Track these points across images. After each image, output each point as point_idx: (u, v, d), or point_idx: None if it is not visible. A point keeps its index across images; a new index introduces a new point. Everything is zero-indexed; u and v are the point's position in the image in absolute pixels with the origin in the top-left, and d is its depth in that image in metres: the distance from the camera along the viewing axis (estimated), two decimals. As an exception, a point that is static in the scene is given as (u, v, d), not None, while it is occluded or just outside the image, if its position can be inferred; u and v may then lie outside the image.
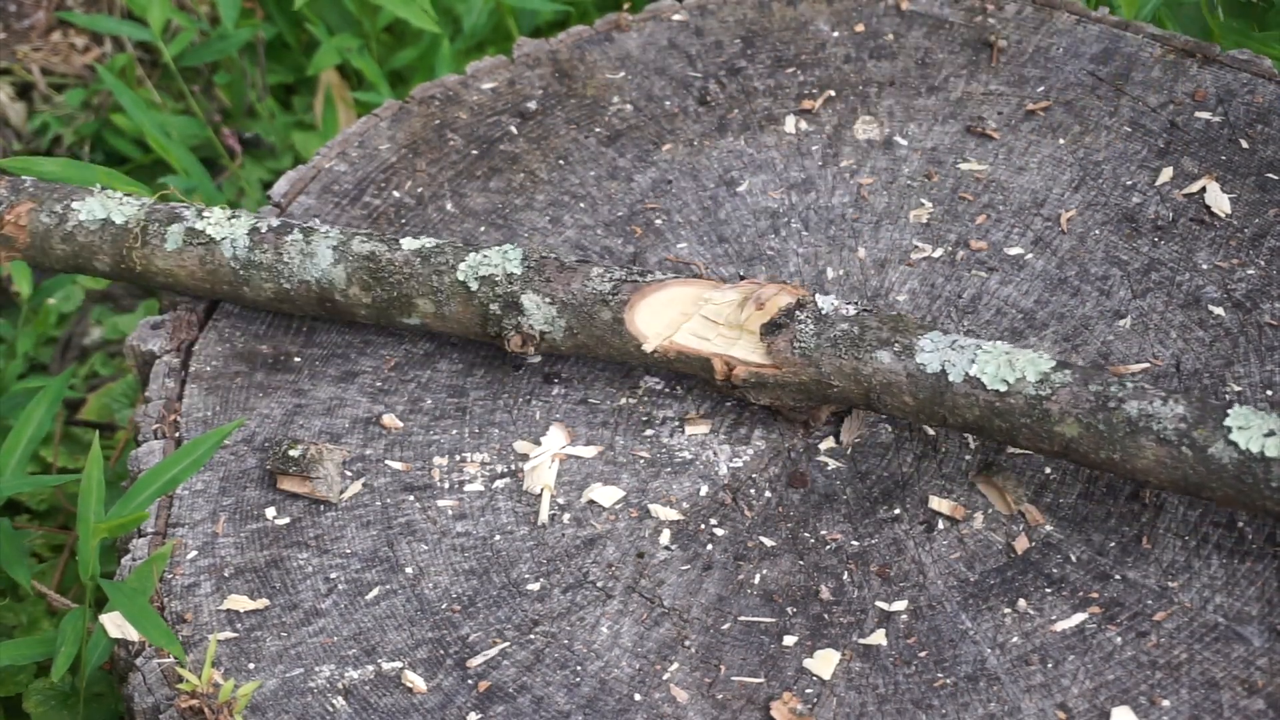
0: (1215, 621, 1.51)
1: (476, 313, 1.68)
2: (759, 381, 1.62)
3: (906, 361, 1.57)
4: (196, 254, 1.74)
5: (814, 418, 1.66)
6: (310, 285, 1.72)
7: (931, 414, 1.57)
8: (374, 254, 1.71)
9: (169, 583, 1.59)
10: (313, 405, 1.72)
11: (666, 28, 2.06)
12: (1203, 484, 1.48)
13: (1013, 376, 1.53)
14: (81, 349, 2.50)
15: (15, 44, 2.82)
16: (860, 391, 1.59)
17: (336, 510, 1.64)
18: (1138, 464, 1.50)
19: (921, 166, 1.89)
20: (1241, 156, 1.87)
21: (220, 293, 1.76)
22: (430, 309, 1.69)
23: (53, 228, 1.77)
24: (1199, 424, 1.48)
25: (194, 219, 1.75)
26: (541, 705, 1.49)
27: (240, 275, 1.74)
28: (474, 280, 1.68)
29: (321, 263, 1.71)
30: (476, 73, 2.02)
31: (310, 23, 2.53)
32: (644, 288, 1.66)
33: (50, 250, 1.78)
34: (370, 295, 1.70)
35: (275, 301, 1.75)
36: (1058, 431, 1.52)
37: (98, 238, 1.76)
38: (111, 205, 1.77)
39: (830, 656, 1.51)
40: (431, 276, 1.69)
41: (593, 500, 1.63)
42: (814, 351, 1.60)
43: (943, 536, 1.59)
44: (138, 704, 1.53)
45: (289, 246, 1.72)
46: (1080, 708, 1.46)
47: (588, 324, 1.66)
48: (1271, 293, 1.74)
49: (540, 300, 1.66)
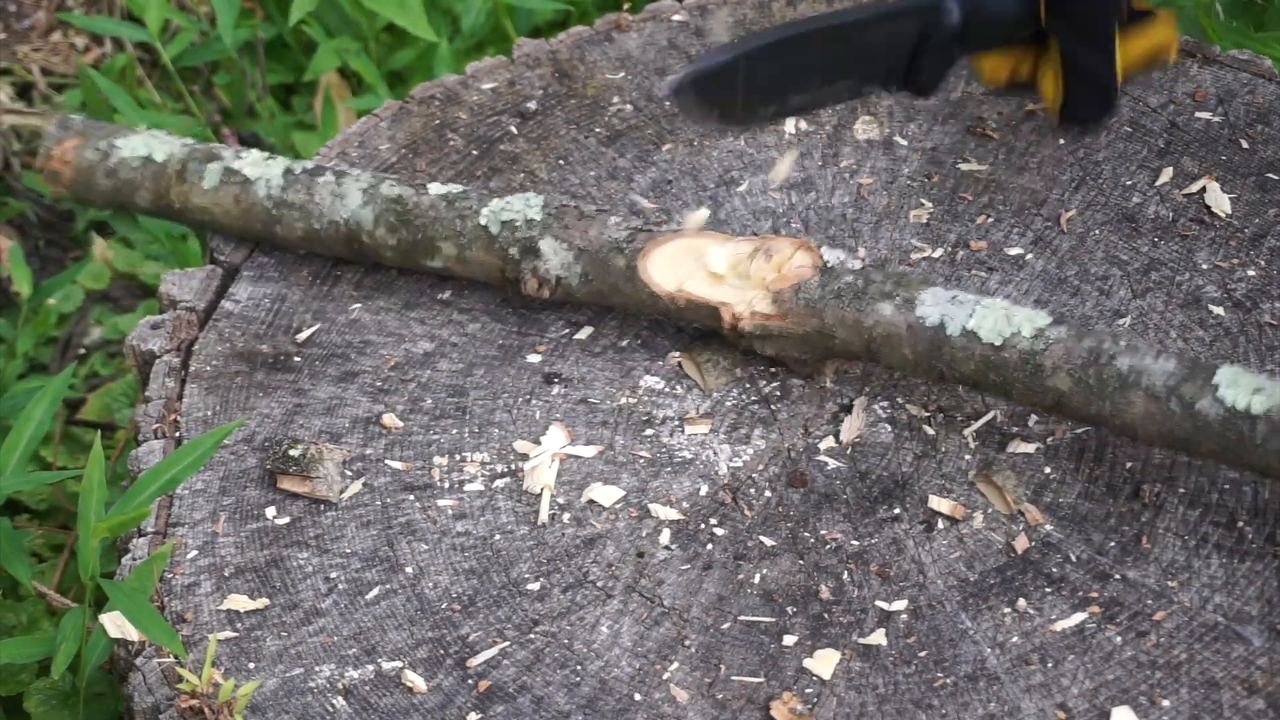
0: (1215, 621, 1.51)
1: (496, 257, 1.73)
2: (764, 331, 1.65)
3: (907, 314, 1.60)
4: (232, 192, 1.80)
5: (818, 372, 1.69)
6: (339, 226, 1.77)
7: (929, 367, 1.61)
8: (401, 197, 1.76)
9: (169, 582, 1.59)
10: (313, 405, 1.72)
11: (666, 28, 2.06)
12: (1189, 439, 1.51)
13: (1009, 331, 1.57)
14: (81, 349, 2.50)
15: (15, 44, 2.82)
16: (861, 343, 1.62)
17: (336, 510, 1.64)
18: (1126, 418, 1.53)
19: (921, 166, 1.89)
20: (1241, 156, 1.87)
21: (253, 231, 1.82)
22: (453, 252, 1.74)
23: (96, 164, 1.85)
24: (1188, 380, 1.51)
25: (231, 159, 1.82)
26: (541, 705, 1.49)
27: (273, 214, 1.79)
28: (495, 224, 1.73)
29: (351, 204, 1.77)
30: (476, 73, 2.02)
31: (309, 25, 2.53)
32: (658, 237, 1.71)
33: (94, 185, 1.85)
34: (395, 237, 1.76)
35: (305, 241, 1.80)
36: (1050, 385, 1.55)
37: (139, 174, 1.83)
38: (154, 143, 1.85)
39: (830, 656, 1.51)
40: (455, 220, 1.74)
41: (593, 500, 1.63)
42: (818, 302, 1.63)
43: (943, 536, 1.59)
44: (138, 704, 1.53)
45: (321, 188, 1.78)
46: (1080, 708, 1.47)
47: (602, 271, 1.70)
48: (1271, 293, 1.74)
49: (558, 246, 1.71)
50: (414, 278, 1.82)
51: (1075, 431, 1.65)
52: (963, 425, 1.67)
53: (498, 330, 1.77)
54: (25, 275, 2.23)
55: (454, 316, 1.79)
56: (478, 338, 1.77)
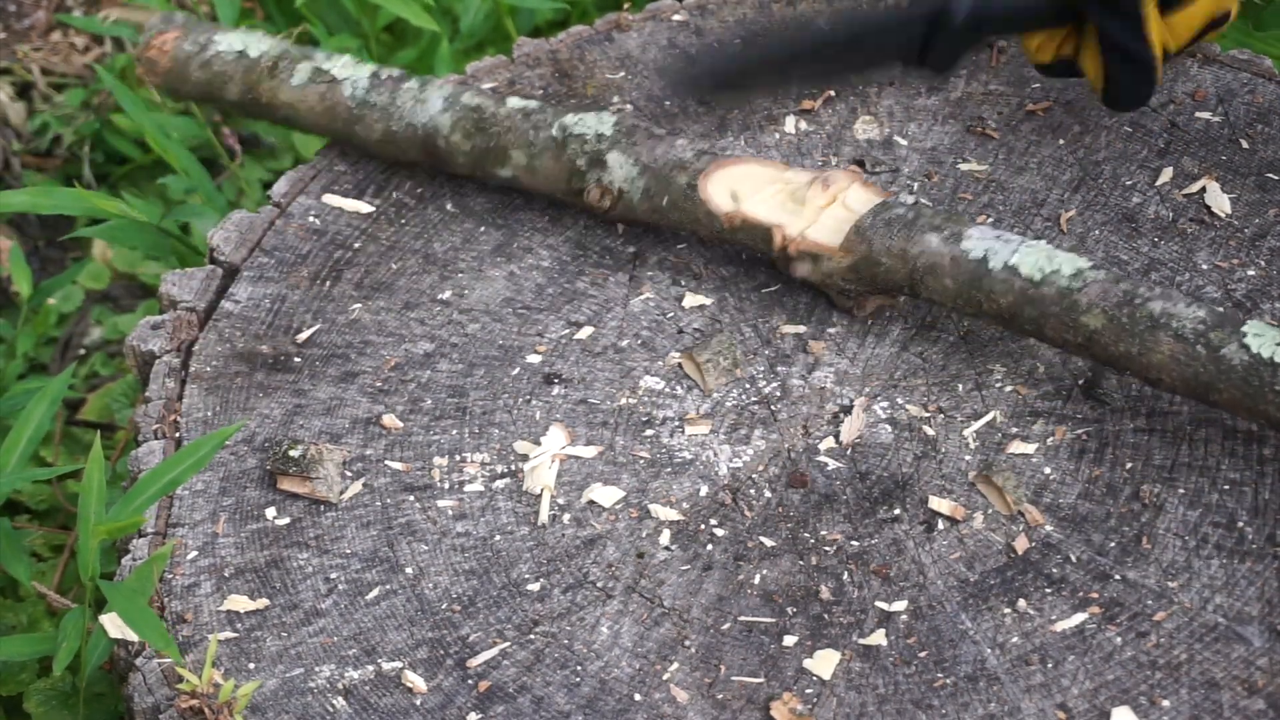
0: (1215, 621, 1.51)
1: (564, 168, 1.79)
2: (813, 255, 1.71)
3: (953, 246, 1.65)
4: (318, 90, 1.87)
5: (860, 305, 1.73)
6: (416, 129, 1.83)
7: (969, 298, 1.65)
8: (480, 106, 1.82)
9: (169, 583, 1.59)
10: (313, 405, 1.72)
11: (666, 28, 2.06)
12: (1211, 383, 1.55)
13: (1049, 267, 1.62)
14: (81, 349, 2.50)
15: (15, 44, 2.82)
16: (905, 272, 1.67)
17: (336, 510, 1.64)
18: (1153, 358, 1.57)
19: (921, 166, 1.89)
20: (1241, 156, 1.87)
21: (334, 130, 1.89)
22: (523, 161, 1.80)
23: (193, 55, 1.92)
24: (1216, 327, 1.55)
25: (323, 60, 1.89)
26: (541, 705, 1.49)
27: (354, 114, 1.86)
28: (567, 136, 1.79)
29: (431, 109, 1.83)
30: (476, 72, 2.02)
31: (309, 23, 2.53)
32: (722, 160, 1.76)
33: (187, 77, 1.93)
34: (470, 143, 1.81)
35: (382, 143, 1.86)
36: (1083, 322, 1.60)
37: (232, 68, 1.91)
38: (250, 40, 1.92)
39: (830, 656, 1.51)
40: (529, 131, 1.80)
41: (593, 500, 1.63)
42: (868, 230, 1.68)
43: (943, 536, 1.59)
44: (138, 704, 1.53)
45: (404, 92, 1.84)
46: (1080, 708, 1.47)
47: (664, 187, 1.75)
48: (1271, 293, 1.74)
49: (624, 160, 1.77)
50: (414, 277, 1.82)
51: (1075, 432, 1.65)
52: (963, 425, 1.67)
53: (498, 330, 1.77)
54: (25, 275, 2.23)
55: (454, 316, 1.79)
56: (478, 338, 1.77)
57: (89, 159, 2.67)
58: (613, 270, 1.81)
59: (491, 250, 1.84)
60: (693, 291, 1.79)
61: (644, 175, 1.77)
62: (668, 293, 1.79)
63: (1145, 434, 1.64)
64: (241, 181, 2.55)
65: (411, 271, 1.83)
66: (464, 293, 1.81)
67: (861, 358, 1.72)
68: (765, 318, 1.76)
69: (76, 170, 2.68)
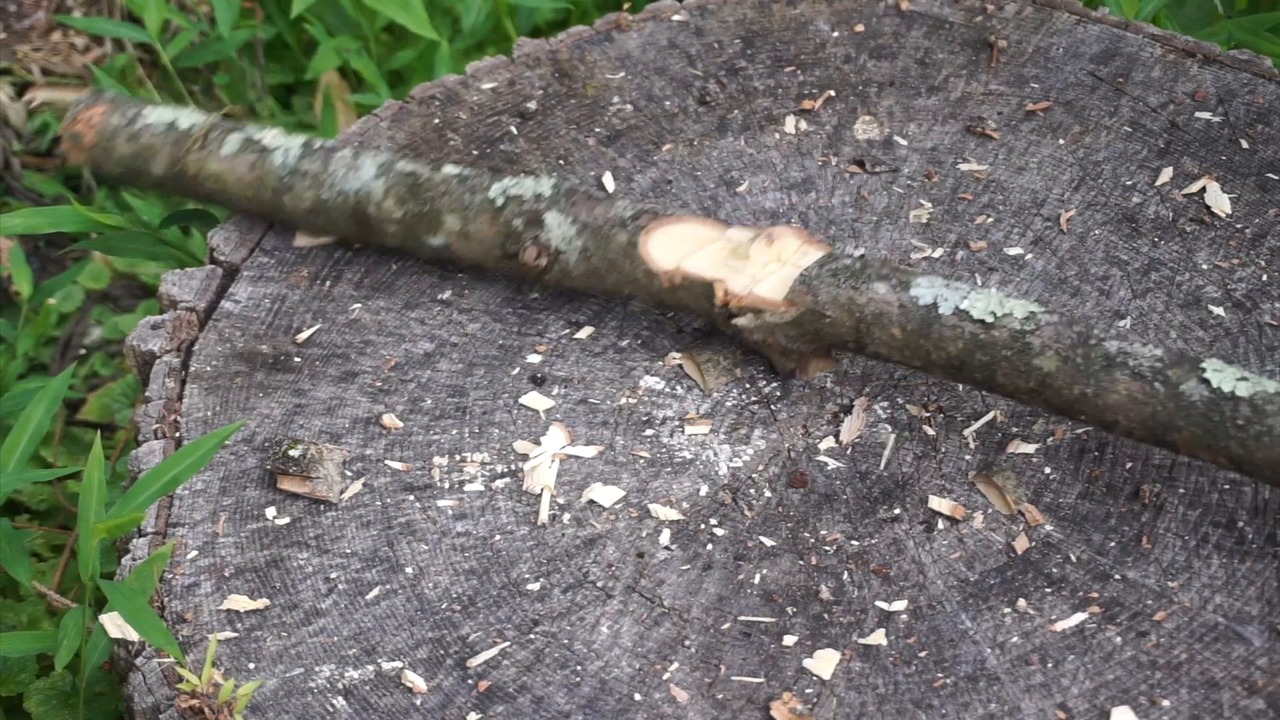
0: (1215, 621, 1.51)
1: (500, 230, 1.75)
2: (755, 310, 1.67)
3: (901, 294, 1.62)
4: (248, 160, 1.84)
5: (802, 368, 1.70)
6: (348, 196, 1.80)
7: (917, 349, 1.61)
8: (415, 172, 1.80)
9: (169, 583, 1.59)
10: (313, 405, 1.72)
11: (666, 28, 2.06)
12: (1170, 422, 1.51)
13: (1001, 310, 1.58)
14: (81, 349, 2.50)
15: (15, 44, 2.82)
16: (851, 324, 1.63)
17: (336, 510, 1.64)
18: (1109, 399, 1.53)
19: (921, 166, 1.89)
20: (1241, 156, 1.87)
21: (262, 201, 1.85)
22: (457, 226, 1.77)
23: (121, 128, 1.89)
24: (1175, 364, 1.52)
25: (255, 131, 1.87)
26: (541, 705, 1.49)
27: (284, 182, 1.83)
28: (503, 198, 1.75)
29: (364, 175, 1.80)
30: (476, 73, 2.02)
31: (309, 24, 2.53)
32: (663, 218, 1.72)
33: (113, 151, 1.90)
34: (402, 209, 1.78)
35: (311, 213, 1.83)
36: (1036, 365, 1.56)
37: (160, 140, 1.88)
38: (180, 114, 1.90)
39: (830, 656, 1.51)
40: (464, 194, 1.77)
41: (593, 500, 1.63)
42: (814, 280, 1.65)
43: (943, 536, 1.59)
44: (138, 704, 1.53)
45: (337, 160, 1.82)
46: (1080, 708, 1.47)
47: (603, 246, 1.72)
48: (1271, 293, 1.74)
49: (562, 219, 1.73)
50: (414, 277, 1.82)
51: (1075, 432, 1.65)
52: (963, 425, 1.67)
53: (498, 330, 1.77)
54: (25, 275, 2.23)
55: (454, 316, 1.79)
56: (478, 338, 1.77)
57: (89, 159, 2.66)
58: (613, 270, 1.81)
59: (491, 250, 1.84)
60: (693, 291, 1.79)
61: (582, 234, 1.72)
62: (668, 293, 1.79)
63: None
64: (241, 181, 2.55)
65: (411, 271, 1.83)
66: (464, 293, 1.81)
67: (861, 358, 1.72)
68: (765, 318, 1.76)
69: (77, 170, 2.68)
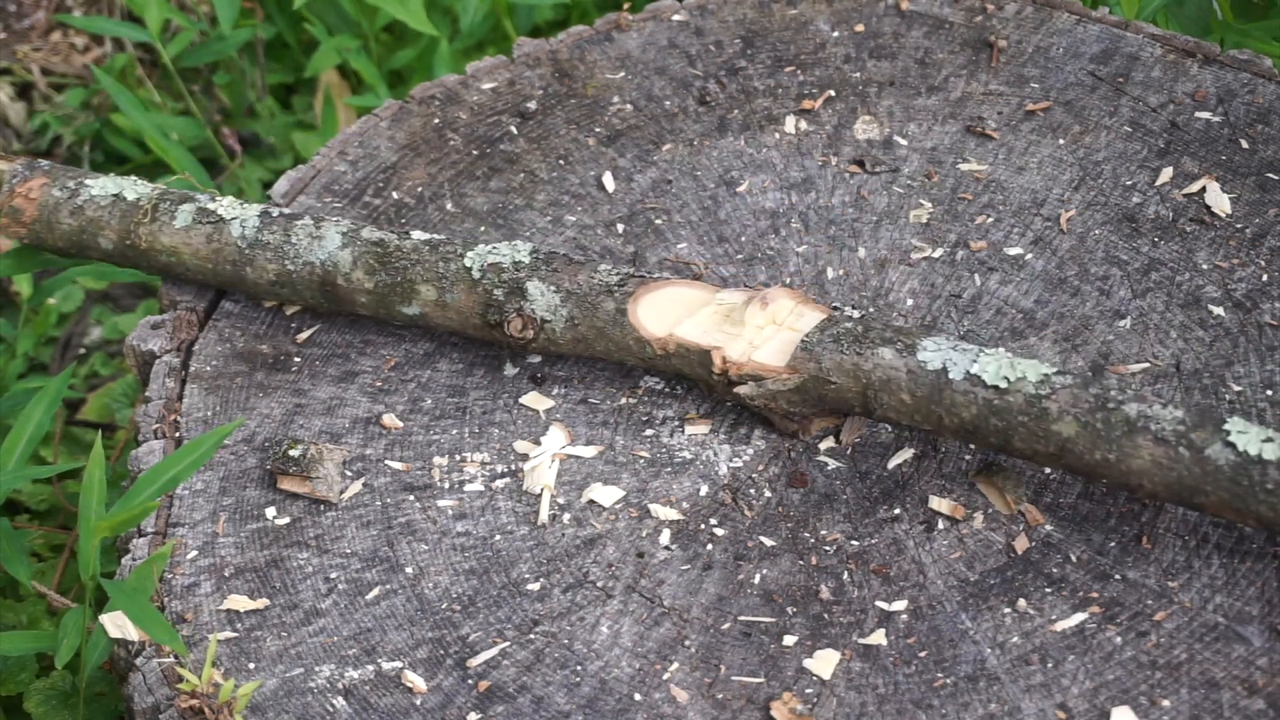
0: (1215, 621, 1.51)
1: (479, 300, 1.68)
2: (756, 377, 1.62)
3: (908, 358, 1.57)
4: (204, 232, 1.75)
5: (805, 429, 1.66)
6: (315, 267, 1.72)
7: (928, 414, 1.57)
8: (383, 240, 1.71)
9: (169, 582, 1.59)
10: (313, 405, 1.72)
11: (666, 28, 2.06)
12: (1198, 487, 1.48)
13: (1014, 375, 1.54)
14: (81, 349, 2.49)
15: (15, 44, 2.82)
16: (858, 389, 1.59)
17: (336, 510, 1.64)
18: (1133, 464, 1.49)
19: (921, 166, 1.89)
20: (1241, 156, 1.87)
21: (222, 274, 1.76)
22: (432, 296, 1.69)
23: (63, 201, 1.80)
24: (1197, 427, 1.48)
25: (207, 201, 1.77)
26: (541, 705, 1.49)
27: (245, 255, 1.74)
28: (480, 268, 1.68)
29: (329, 245, 1.72)
30: (476, 73, 2.02)
31: (309, 23, 2.53)
32: (650, 283, 1.67)
33: (56, 225, 1.80)
34: (373, 280, 1.70)
35: (275, 286, 1.74)
36: (1054, 430, 1.52)
37: (107, 213, 1.78)
38: (125, 184, 1.80)
39: (830, 656, 1.51)
40: (438, 263, 1.69)
41: (593, 500, 1.63)
42: (816, 346, 1.60)
43: (943, 536, 1.59)
44: (138, 704, 1.53)
45: (298, 229, 1.73)
46: (1080, 708, 1.47)
47: (590, 314, 1.66)
48: (1271, 293, 1.74)
49: (545, 288, 1.67)
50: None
51: (1075, 431, 1.65)
52: (963, 425, 1.67)
53: (498, 330, 1.77)
54: (25, 275, 2.23)
55: (454, 316, 1.79)
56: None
57: (89, 159, 2.67)
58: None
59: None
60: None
61: (567, 303, 1.66)
62: (668, 293, 1.79)
63: (1145, 434, 1.64)
64: (241, 181, 2.55)
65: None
66: (464, 292, 1.81)
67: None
68: (765, 318, 1.76)
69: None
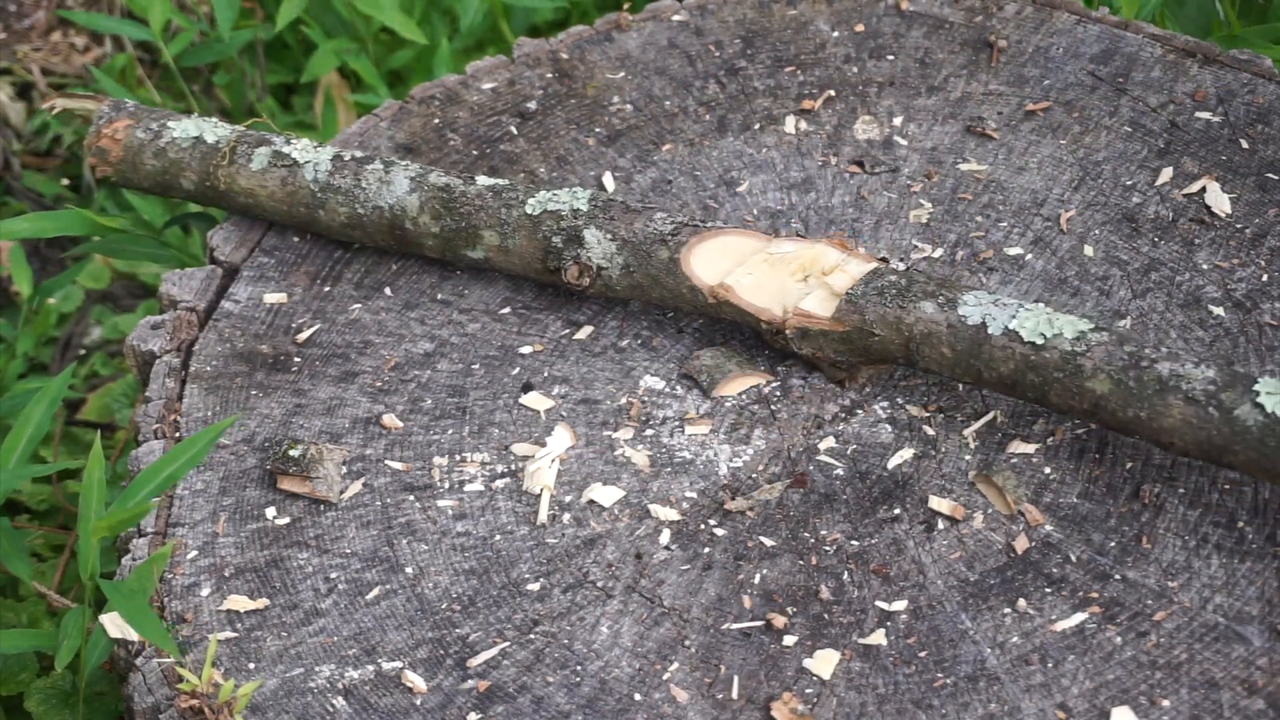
0: (1215, 621, 1.51)
1: (539, 246, 1.74)
2: (803, 330, 1.66)
3: (949, 313, 1.61)
4: (279, 175, 1.83)
5: (852, 377, 1.69)
6: (383, 211, 1.79)
7: (968, 367, 1.61)
8: (449, 186, 1.78)
9: (169, 583, 1.59)
10: (313, 405, 1.72)
11: (666, 28, 2.06)
12: (1226, 446, 1.51)
13: (1050, 331, 1.57)
14: (81, 349, 2.49)
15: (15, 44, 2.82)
16: (901, 341, 1.63)
17: (336, 510, 1.64)
18: (1164, 423, 1.53)
19: (921, 166, 1.89)
20: (1241, 156, 1.87)
21: (296, 216, 1.84)
22: (495, 241, 1.76)
23: (146, 143, 1.87)
24: (1228, 387, 1.51)
25: (282, 144, 1.84)
26: (541, 705, 1.49)
27: (317, 198, 1.82)
28: (540, 213, 1.74)
29: (397, 190, 1.79)
30: (476, 73, 2.02)
31: (307, 26, 2.53)
32: (703, 232, 1.72)
33: (140, 165, 1.88)
34: (439, 224, 1.77)
35: (347, 227, 1.82)
36: (1088, 387, 1.55)
37: (187, 155, 1.86)
38: (205, 126, 1.87)
39: (830, 656, 1.51)
40: (500, 209, 1.76)
41: (593, 500, 1.63)
42: (860, 299, 1.63)
43: (943, 536, 1.59)
44: (138, 704, 1.53)
45: (368, 174, 1.80)
46: (1080, 708, 1.47)
47: (645, 262, 1.71)
48: (1271, 293, 1.74)
49: (602, 236, 1.72)
50: (414, 277, 1.82)
51: (1075, 432, 1.65)
52: (963, 425, 1.67)
53: (498, 330, 1.77)
54: (25, 275, 2.23)
55: (454, 316, 1.79)
56: (478, 338, 1.77)
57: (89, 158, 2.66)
58: (613, 270, 1.81)
59: (491, 250, 1.84)
60: (693, 291, 1.79)
61: (623, 251, 1.72)
62: (668, 293, 1.79)
63: (1145, 434, 1.64)
64: (241, 181, 2.55)
65: (411, 271, 1.83)
66: (463, 293, 1.81)
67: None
68: (765, 318, 1.76)
69: (76, 170, 2.68)
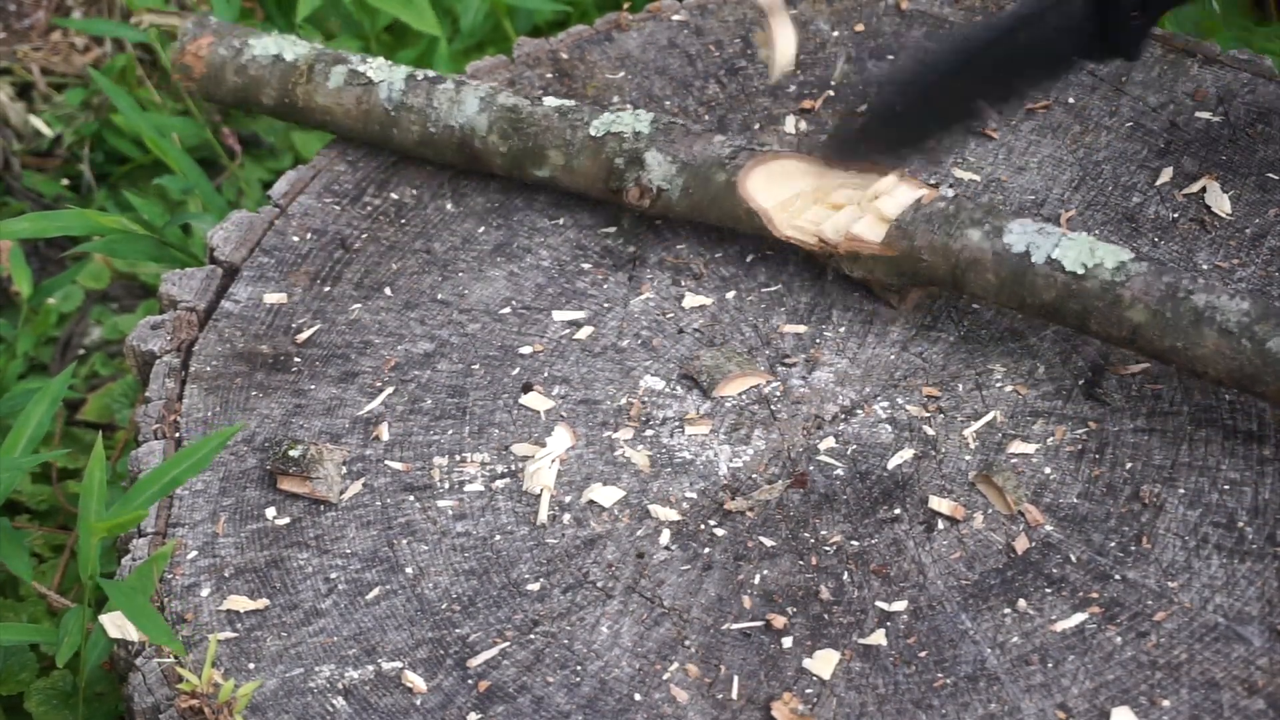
0: (1215, 621, 1.51)
1: (602, 167, 1.80)
2: (855, 254, 1.71)
3: (994, 241, 1.67)
4: (355, 93, 1.89)
5: (904, 298, 1.74)
6: (454, 130, 1.85)
7: (1012, 294, 1.66)
8: (516, 106, 1.84)
9: (169, 583, 1.59)
10: (313, 405, 1.72)
11: (666, 28, 2.06)
12: (1258, 376, 1.57)
13: (1091, 261, 1.63)
14: (81, 349, 2.49)
15: (15, 44, 2.82)
16: (947, 267, 1.68)
17: (336, 510, 1.64)
18: (1198, 352, 1.59)
19: (921, 166, 1.89)
20: (1241, 156, 1.87)
21: (371, 134, 1.90)
22: (560, 161, 1.82)
23: (228, 60, 1.94)
24: (1261, 319, 1.57)
25: (358, 63, 1.90)
26: (541, 705, 1.49)
27: (391, 116, 1.87)
28: (604, 135, 1.80)
29: (468, 110, 1.85)
30: (477, 72, 2.02)
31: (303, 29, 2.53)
32: (761, 156, 1.77)
33: (223, 81, 1.95)
34: (507, 144, 1.83)
35: (419, 145, 1.88)
36: (1127, 317, 1.61)
37: (267, 72, 1.92)
38: (285, 44, 1.93)
39: (830, 656, 1.51)
40: (565, 130, 1.82)
41: (592, 500, 1.63)
42: (909, 225, 1.69)
43: (943, 536, 1.59)
44: (138, 704, 1.53)
45: (440, 94, 1.86)
46: (1080, 708, 1.47)
47: (703, 185, 1.77)
48: (1271, 293, 1.74)
49: (662, 158, 1.78)
50: (414, 277, 1.82)
51: (1075, 432, 1.65)
52: (963, 425, 1.67)
53: (498, 330, 1.77)
54: (25, 275, 2.22)
55: (454, 316, 1.79)
56: (478, 338, 1.77)
57: (89, 159, 2.67)
58: (612, 270, 1.81)
59: (491, 250, 1.84)
60: (692, 292, 1.79)
61: (683, 173, 1.78)
62: (668, 292, 1.79)
63: (1145, 434, 1.64)
64: (241, 182, 2.55)
65: (411, 271, 1.83)
66: (464, 293, 1.81)
67: (862, 358, 1.72)
68: (766, 317, 1.76)
69: (76, 170, 2.68)
